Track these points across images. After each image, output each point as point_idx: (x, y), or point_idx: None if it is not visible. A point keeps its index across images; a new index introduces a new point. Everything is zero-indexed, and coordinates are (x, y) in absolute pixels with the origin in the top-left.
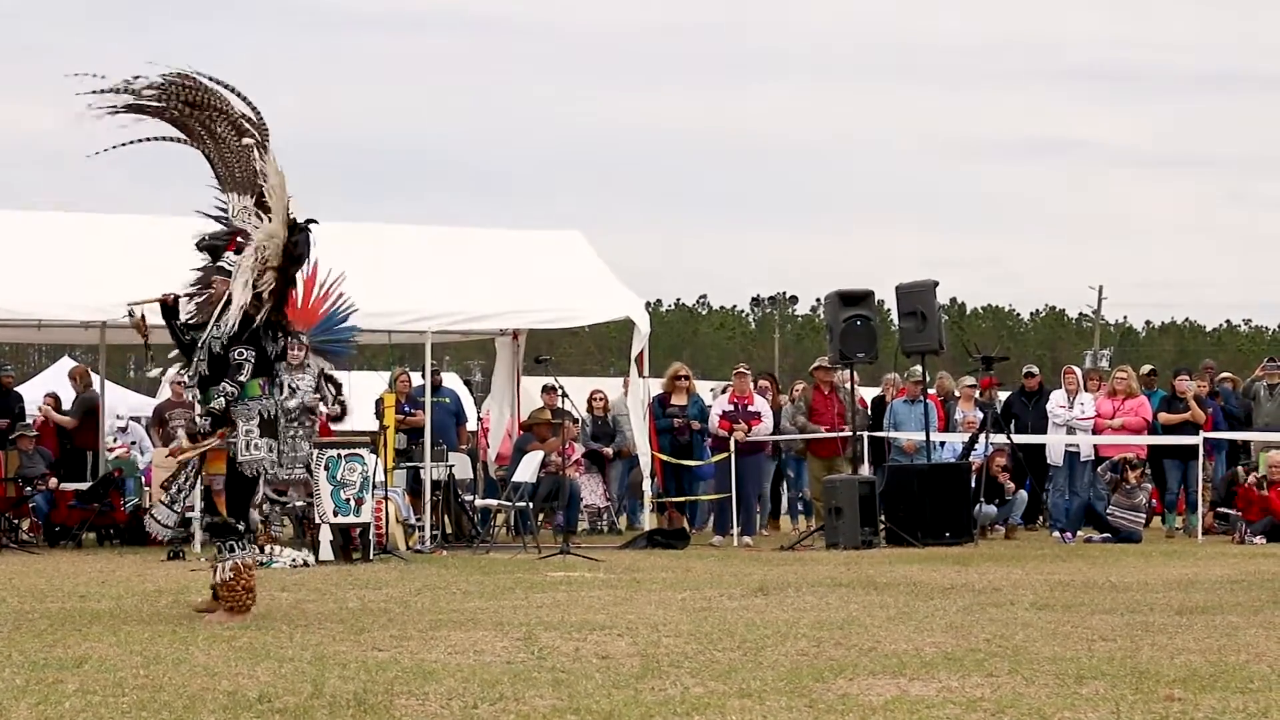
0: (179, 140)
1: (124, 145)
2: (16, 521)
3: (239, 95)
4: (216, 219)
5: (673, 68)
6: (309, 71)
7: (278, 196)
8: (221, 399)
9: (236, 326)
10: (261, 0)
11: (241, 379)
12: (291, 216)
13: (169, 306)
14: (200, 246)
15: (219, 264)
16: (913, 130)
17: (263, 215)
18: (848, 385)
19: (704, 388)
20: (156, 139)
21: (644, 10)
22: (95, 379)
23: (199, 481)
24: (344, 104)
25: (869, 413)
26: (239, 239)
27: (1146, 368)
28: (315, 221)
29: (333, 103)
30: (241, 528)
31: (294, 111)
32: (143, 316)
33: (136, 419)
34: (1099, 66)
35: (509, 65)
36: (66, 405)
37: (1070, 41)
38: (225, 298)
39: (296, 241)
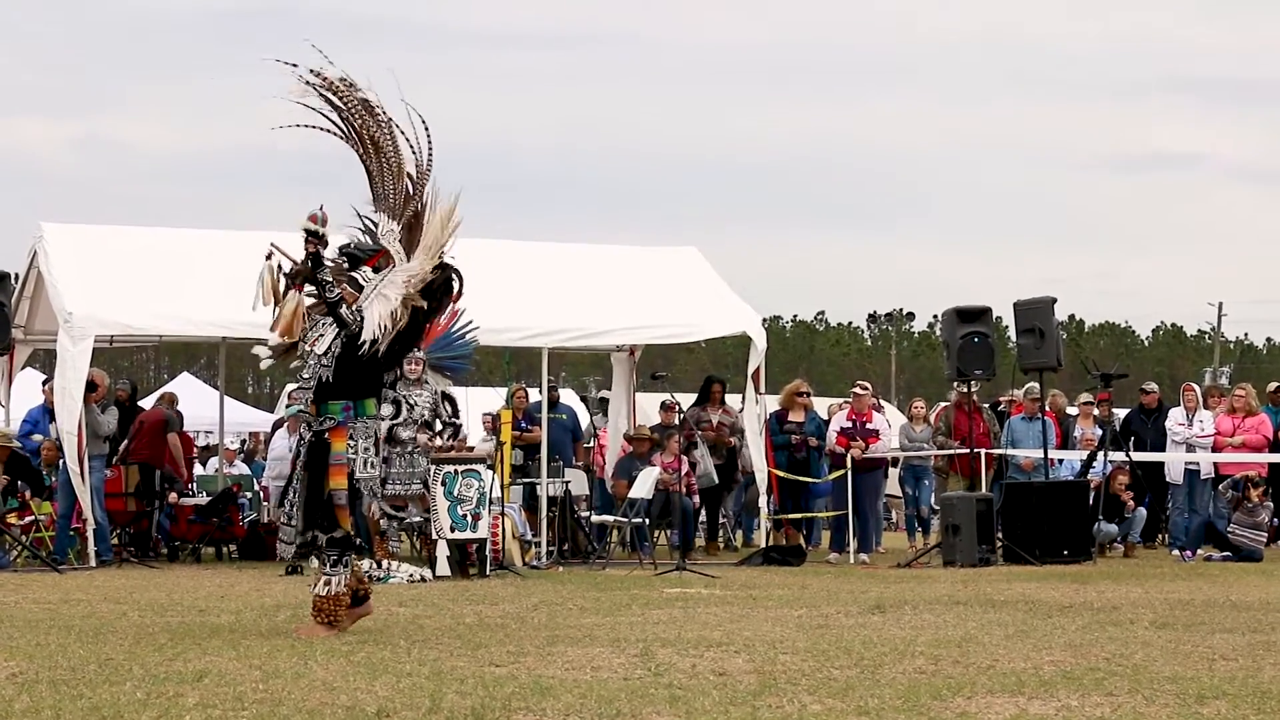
0: (344, 138)
1: (301, 126)
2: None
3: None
4: (366, 229)
5: (789, 81)
6: (433, 83)
7: (435, 240)
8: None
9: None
10: (398, 18)
11: (342, 314)
12: (443, 258)
13: (315, 256)
14: (342, 252)
15: (351, 273)
16: (1030, 145)
17: (404, 247)
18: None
19: (821, 405)
20: (330, 131)
21: (760, 24)
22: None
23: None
24: (466, 117)
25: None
26: (381, 258)
27: (1272, 385)
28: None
29: (452, 116)
30: (358, 542)
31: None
32: (278, 265)
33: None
34: (1218, 79)
35: (627, 80)
36: (189, 420)
37: (1190, 54)
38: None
39: (439, 281)
